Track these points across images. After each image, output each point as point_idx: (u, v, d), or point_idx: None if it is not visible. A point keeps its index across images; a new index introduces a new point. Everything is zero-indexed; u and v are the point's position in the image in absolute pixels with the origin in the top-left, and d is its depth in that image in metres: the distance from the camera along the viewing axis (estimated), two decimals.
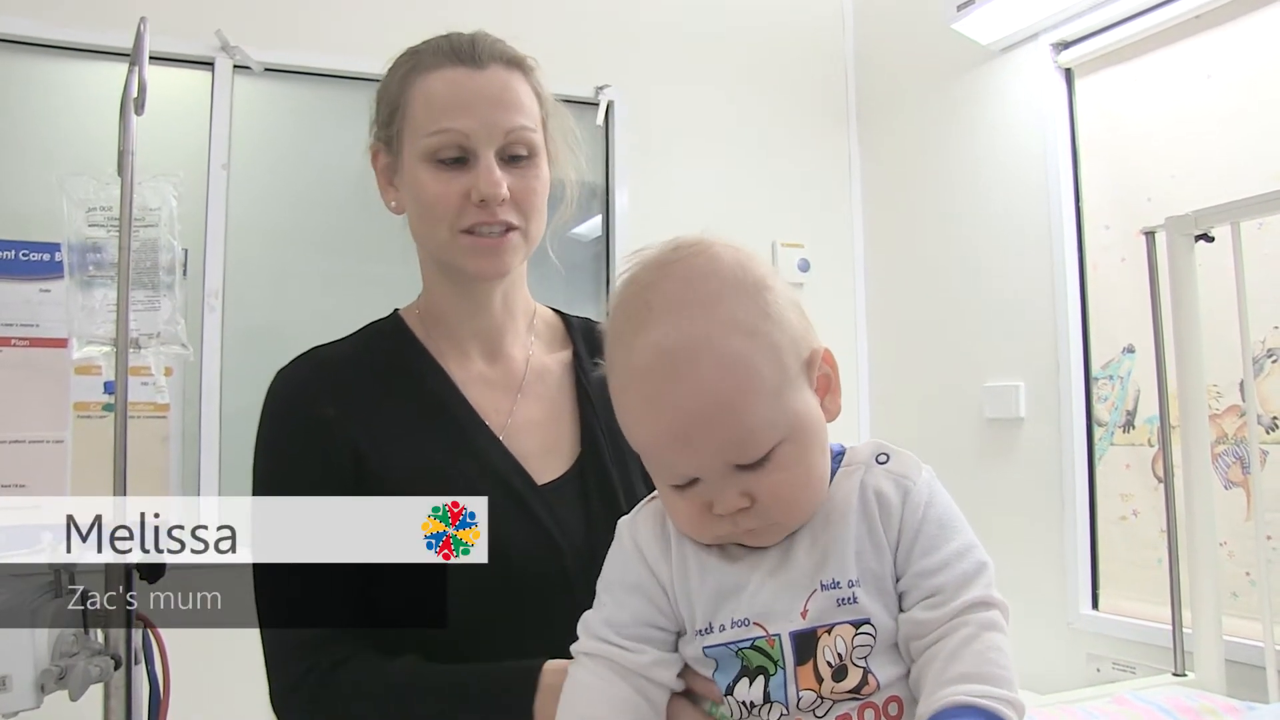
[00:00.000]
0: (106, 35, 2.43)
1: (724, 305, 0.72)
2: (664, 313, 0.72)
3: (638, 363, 0.72)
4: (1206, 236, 1.94)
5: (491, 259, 1.01)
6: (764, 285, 0.74)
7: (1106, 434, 2.37)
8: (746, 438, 0.71)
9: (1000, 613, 0.74)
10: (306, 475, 0.98)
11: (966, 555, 0.76)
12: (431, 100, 1.01)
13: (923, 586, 0.75)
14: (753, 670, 0.75)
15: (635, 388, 0.73)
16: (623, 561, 0.81)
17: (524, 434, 1.06)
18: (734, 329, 0.71)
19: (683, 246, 0.76)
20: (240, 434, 2.47)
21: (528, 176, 1.02)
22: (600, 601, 0.82)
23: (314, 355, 1.06)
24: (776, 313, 0.73)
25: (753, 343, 0.71)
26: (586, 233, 2.98)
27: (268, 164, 2.65)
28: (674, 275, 0.74)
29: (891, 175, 3.14)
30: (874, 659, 0.74)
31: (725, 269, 0.74)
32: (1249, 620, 1.95)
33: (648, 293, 0.74)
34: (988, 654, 0.71)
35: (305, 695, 0.92)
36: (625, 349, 0.73)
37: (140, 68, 1.30)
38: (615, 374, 0.76)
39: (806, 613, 0.74)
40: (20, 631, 1.16)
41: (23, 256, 2.39)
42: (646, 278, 0.75)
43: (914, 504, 0.76)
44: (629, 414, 0.75)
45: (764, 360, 0.71)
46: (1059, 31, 2.47)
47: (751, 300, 0.73)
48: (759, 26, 3.18)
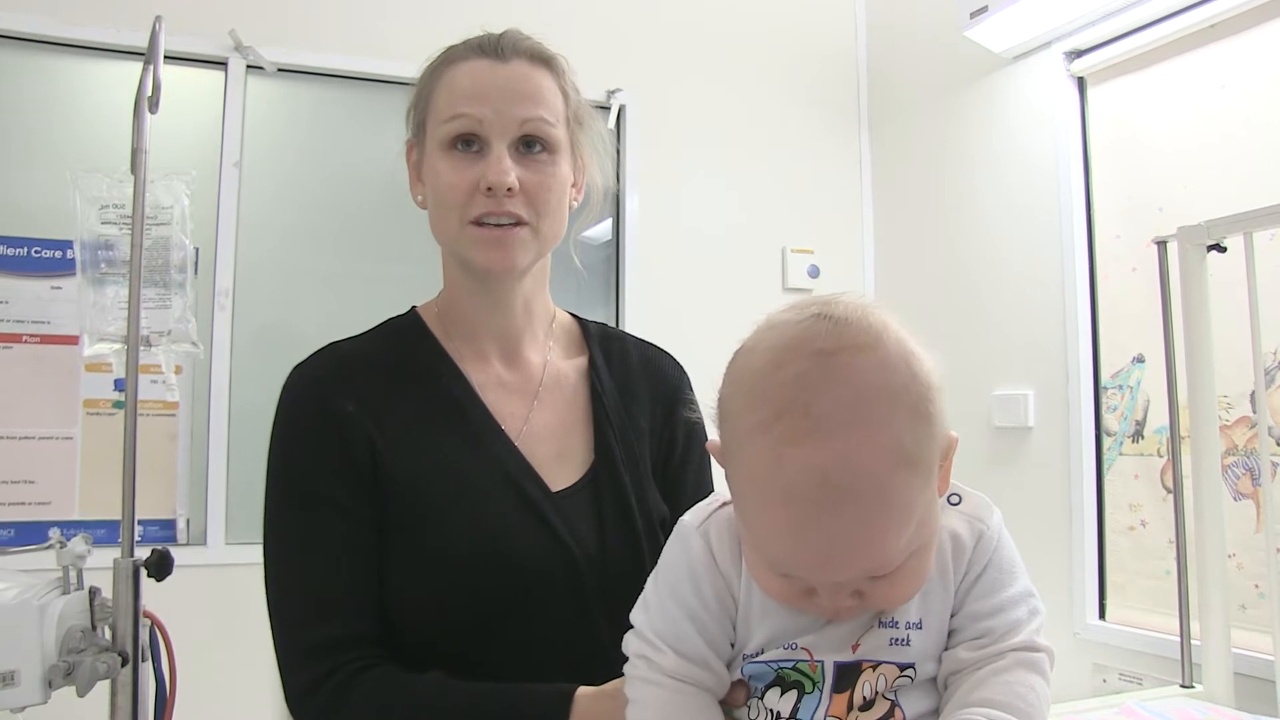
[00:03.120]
0: (121, 34, 2.44)
1: (892, 430, 0.64)
2: (828, 431, 0.64)
3: (790, 481, 0.64)
4: (1219, 247, 1.93)
5: (498, 251, 1.00)
6: (929, 390, 0.67)
7: (1116, 444, 2.36)
8: (886, 562, 0.67)
9: (1045, 657, 0.74)
10: (323, 468, 0.97)
11: (1021, 603, 0.75)
12: (453, 89, 1.01)
13: (972, 628, 0.75)
14: (788, 684, 0.74)
15: (781, 505, 0.65)
16: (694, 570, 0.77)
17: (539, 440, 1.05)
18: (900, 461, 0.64)
19: (844, 329, 0.67)
20: (249, 433, 2.48)
21: (542, 172, 1.01)
22: (667, 610, 0.77)
23: (333, 350, 1.06)
24: (936, 420, 0.67)
25: (915, 475, 0.65)
26: (597, 236, 2.98)
27: (280, 164, 2.66)
28: (839, 379, 0.65)
29: (902, 182, 3.14)
30: (904, 694, 0.74)
31: (897, 380, 0.66)
32: (1258, 633, 1.93)
33: (806, 394, 0.65)
34: (1016, 687, 0.71)
35: (324, 698, 0.91)
36: (772, 455, 0.65)
37: (155, 66, 1.30)
38: (751, 474, 0.68)
39: (858, 646, 0.73)
40: (28, 627, 1.16)
41: (35, 253, 2.40)
42: (802, 369, 0.66)
43: (985, 546, 0.76)
44: (764, 524, 0.68)
45: (920, 489, 0.66)
46: (1072, 40, 2.46)
47: (919, 419, 0.66)
48: (771, 31, 3.18)
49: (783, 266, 3.10)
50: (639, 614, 0.79)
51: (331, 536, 0.96)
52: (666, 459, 1.12)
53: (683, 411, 1.15)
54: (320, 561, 0.95)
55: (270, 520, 0.99)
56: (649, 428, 1.11)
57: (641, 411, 1.12)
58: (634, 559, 0.99)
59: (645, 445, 1.10)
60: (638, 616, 0.79)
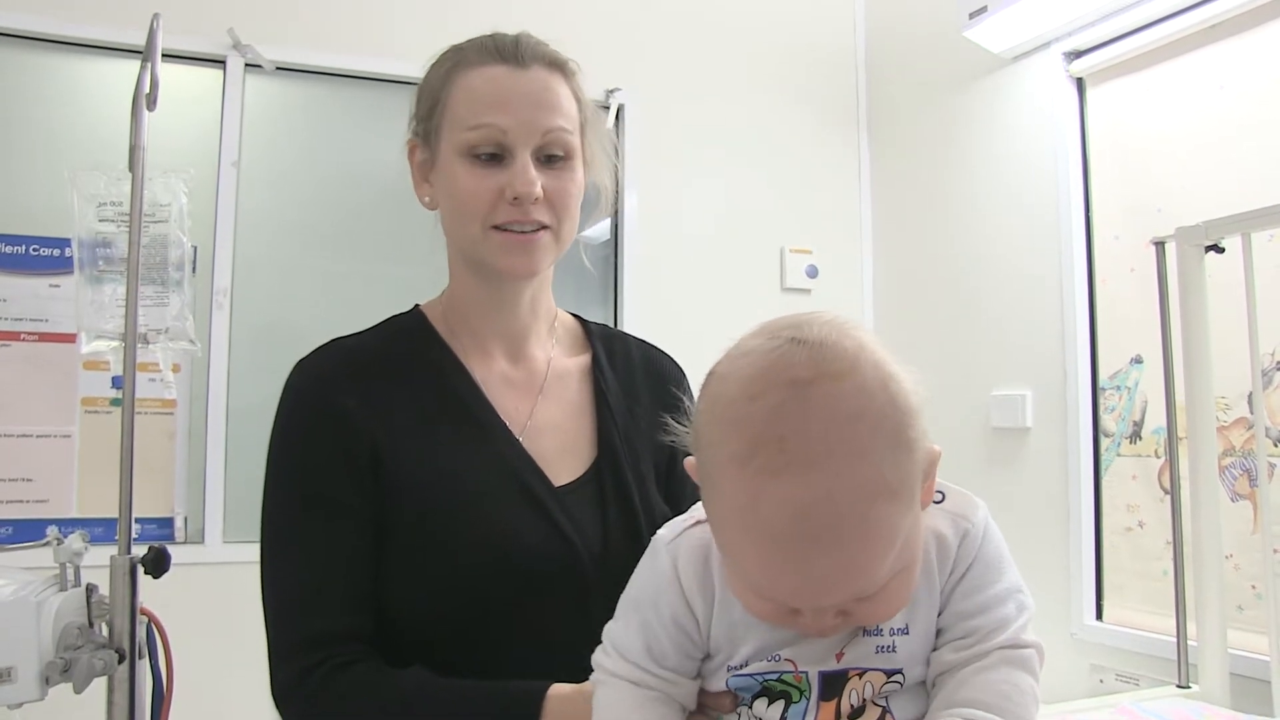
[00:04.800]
0: (119, 32, 2.44)
1: (871, 462, 0.63)
2: (802, 464, 0.62)
3: (769, 516, 0.62)
4: (1217, 247, 1.93)
5: (522, 256, 1.01)
6: (908, 416, 0.66)
7: (1113, 444, 2.36)
8: (870, 586, 0.66)
9: (1033, 653, 0.73)
10: (324, 465, 0.98)
11: (1008, 599, 0.74)
12: (473, 96, 1.01)
13: (959, 628, 0.74)
14: (775, 694, 0.74)
15: (760, 538, 0.64)
16: (657, 586, 0.77)
17: (543, 436, 1.06)
18: (880, 492, 0.63)
19: (820, 354, 0.65)
20: (247, 431, 2.48)
21: (563, 178, 1.02)
22: (629, 620, 0.78)
23: (336, 346, 1.07)
24: (917, 445, 0.66)
25: (896, 504, 0.64)
26: (595, 236, 2.98)
27: (278, 162, 2.66)
28: (815, 411, 0.63)
29: (901, 182, 3.14)
30: (895, 699, 0.74)
31: (874, 407, 0.64)
32: (1254, 633, 1.94)
33: (782, 426, 0.63)
34: (1000, 686, 0.70)
35: (308, 691, 0.91)
36: (749, 489, 0.63)
37: (153, 63, 1.30)
38: (728, 505, 0.66)
39: (842, 655, 0.73)
40: (25, 624, 1.16)
41: (33, 251, 2.40)
42: (777, 400, 0.63)
43: (970, 544, 0.75)
44: (743, 554, 0.67)
45: (902, 515, 0.64)
46: (1071, 40, 2.46)
47: (899, 446, 0.64)
48: (770, 31, 3.18)
49: (781, 266, 3.10)
50: (611, 621, 0.81)
51: (328, 532, 0.96)
52: (669, 463, 1.12)
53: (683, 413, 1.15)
54: (314, 556, 0.96)
55: (268, 513, 1.00)
56: (650, 427, 1.12)
57: (643, 410, 1.12)
58: (635, 554, 0.99)
59: (647, 442, 1.11)
60: (610, 623, 0.81)
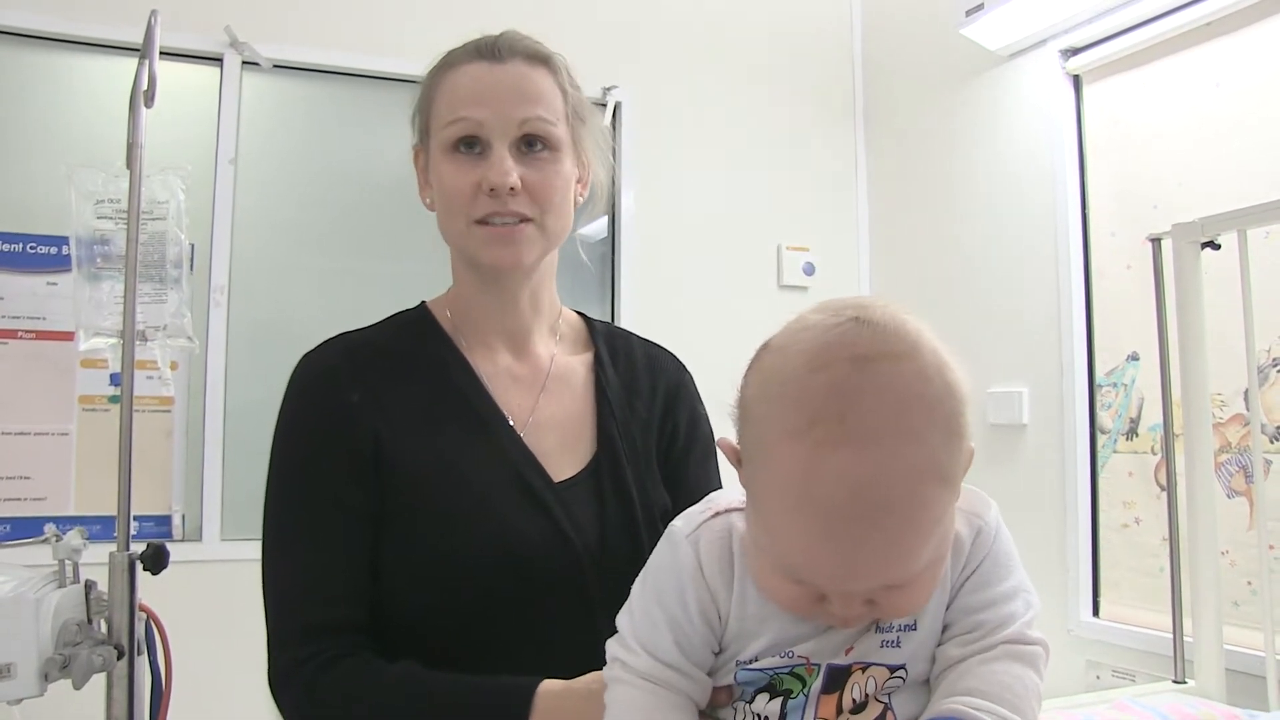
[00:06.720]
0: (117, 29, 2.44)
1: (927, 444, 0.63)
2: (861, 440, 0.62)
3: (823, 490, 0.62)
4: (1213, 244, 1.94)
5: (505, 248, 1.02)
6: (962, 404, 0.66)
7: (1110, 441, 2.36)
8: (905, 573, 0.66)
9: (1039, 650, 0.73)
10: (327, 458, 0.98)
11: (1015, 597, 0.75)
12: (453, 93, 1.03)
13: (964, 622, 0.74)
14: (778, 690, 0.74)
15: (811, 513, 0.63)
16: (680, 580, 0.75)
17: (544, 431, 1.06)
18: (933, 476, 0.63)
19: (882, 335, 0.65)
20: (245, 428, 2.48)
21: (545, 170, 1.03)
22: (654, 617, 0.76)
23: (342, 340, 1.07)
24: (966, 434, 0.66)
25: (946, 489, 0.64)
26: (592, 233, 2.98)
27: (275, 160, 2.66)
28: (875, 389, 0.63)
29: (897, 179, 3.14)
30: (897, 695, 0.74)
31: (932, 391, 0.64)
32: (1250, 629, 1.94)
33: (843, 401, 0.63)
34: (1002, 677, 0.70)
35: (303, 680, 0.92)
36: (805, 462, 0.63)
37: (150, 60, 1.30)
38: (778, 480, 0.66)
39: (851, 650, 0.73)
40: (24, 620, 1.16)
41: (30, 249, 2.40)
42: (839, 374, 0.64)
43: (982, 542, 0.75)
44: (788, 530, 0.66)
45: (949, 503, 0.65)
46: (1068, 38, 2.47)
47: (952, 433, 0.65)
48: (767, 29, 3.18)
49: (778, 264, 3.11)
50: (623, 617, 0.79)
51: (327, 525, 0.97)
52: (668, 449, 1.13)
53: (685, 402, 1.16)
54: (313, 549, 0.96)
55: (271, 504, 1.01)
56: (651, 419, 1.12)
57: (644, 404, 1.13)
58: (633, 549, 1.00)
59: (649, 438, 1.11)
60: (622, 620, 0.79)
